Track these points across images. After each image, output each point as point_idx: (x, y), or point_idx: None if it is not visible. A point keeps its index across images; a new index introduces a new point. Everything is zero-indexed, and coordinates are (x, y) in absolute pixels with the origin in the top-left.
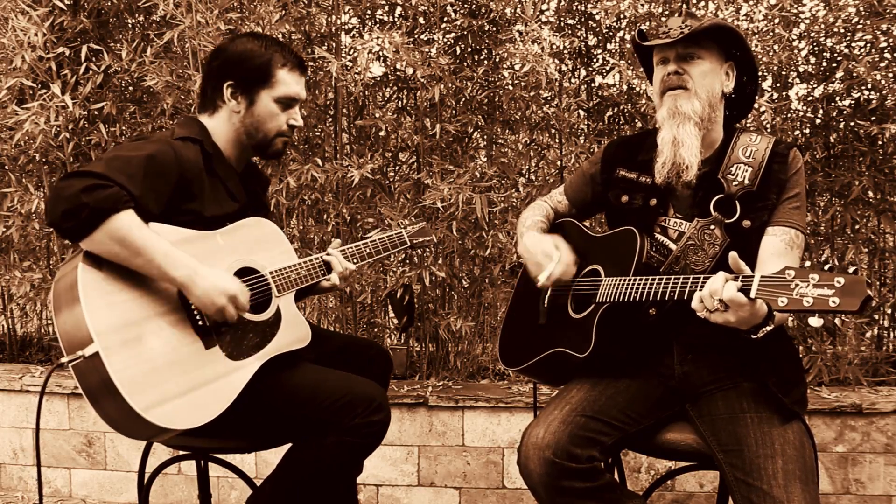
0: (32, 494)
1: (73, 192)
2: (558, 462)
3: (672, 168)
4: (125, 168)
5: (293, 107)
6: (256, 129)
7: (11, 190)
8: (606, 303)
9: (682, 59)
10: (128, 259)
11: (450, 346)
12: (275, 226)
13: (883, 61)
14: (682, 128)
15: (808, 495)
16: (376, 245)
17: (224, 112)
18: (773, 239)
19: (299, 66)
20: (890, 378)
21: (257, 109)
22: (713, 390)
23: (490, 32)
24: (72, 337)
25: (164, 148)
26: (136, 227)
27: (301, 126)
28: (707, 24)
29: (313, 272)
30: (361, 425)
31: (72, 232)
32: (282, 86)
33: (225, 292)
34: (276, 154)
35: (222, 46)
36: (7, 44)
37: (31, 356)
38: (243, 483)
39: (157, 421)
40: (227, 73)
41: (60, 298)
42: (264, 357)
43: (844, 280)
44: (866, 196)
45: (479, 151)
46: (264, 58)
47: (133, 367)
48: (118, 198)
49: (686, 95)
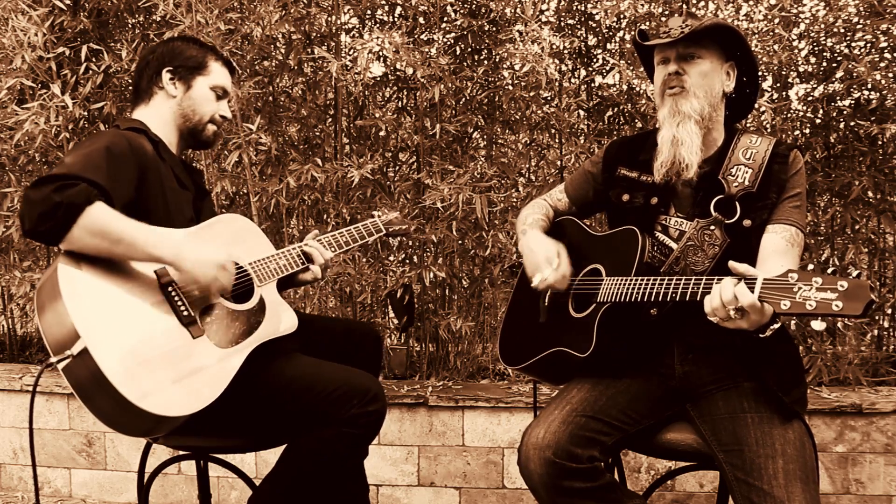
0: (32, 494)
1: (44, 195)
2: (559, 462)
3: (671, 167)
4: (87, 163)
5: (224, 99)
6: (193, 112)
7: (11, 190)
8: (607, 303)
9: (683, 59)
10: (109, 249)
11: (450, 346)
12: (250, 221)
13: (883, 61)
14: (683, 126)
15: (809, 495)
16: (352, 233)
17: (159, 98)
18: (773, 236)
19: (228, 65)
20: (890, 378)
21: (193, 93)
22: (713, 390)
23: (490, 32)
24: (58, 337)
25: (117, 138)
26: (112, 217)
27: (230, 118)
28: (707, 24)
29: (292, 262)
30: (358, 416)
31: (50, 234)
32: (216, 75)
33: (214, 262)
34: (207, 142)
35: (162, 41)
36: (7, 44)
37: (31, 356)
38: (243, 483)
39: (153, 409)
40: (166, 61)
41: (43, 301)
42: (253, 344)
43: (848, 284)
44: (866, 196)
45: (479, 151)
46: (201, 51)
47: (123, 360)
48: (88, 192)
49: (686, 95)
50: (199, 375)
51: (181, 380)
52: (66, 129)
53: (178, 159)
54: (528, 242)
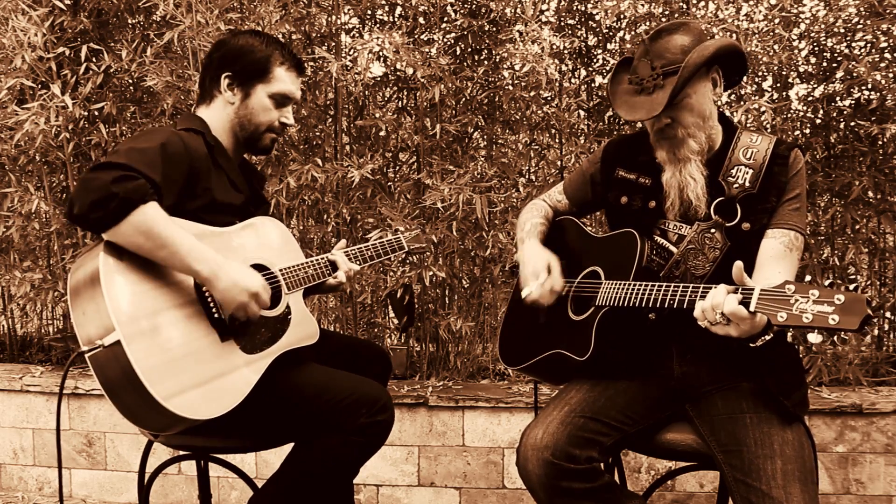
0: (32, 494)
1: (102, 182)
2: (557, 463)
3: (681, 207)
4: (144, 158)
5: (286, 105)
6: (249, 121)
7: (11, 190)
8: (606, 306)
9: (670, 108)
10: (151, 251)
11: (450, 346)
12: (283, 226)
13: (883, 61)
14: (685, 169)
15: (808, 496)
16: (377, 248)
17: (219, 102)
18: (771, 241)
19: (297, 67)
20: (890, 378)
21: (252, 102)
22: (713, 391)
23: (490, 32)
24: (91, 325)
25: (173, 138)
26: (162, 219)
27: (292, 125)
28: (686, 75)
29: (320, 271)
30: (367, 425)
31: (98, 222)
32: (278, 83)
33: (248, 289)
34: (265, 149)
35: (225, 39)
36: (7, 44)
37: (31, 356)
38: (243, 483)
39: (177, 410)
40: (226, 64)
41: (79, 287)
42: (276, 352)
43: (845, 297)
44: (866, 196)
45: (480, 151)
46: (264, 53)
47: (152, 357)
48: (145, 189)
49: (681, 141)
50: (224, 380)
51: (206, 383)
52: (66, 129)
53: (234, 164)
54: (523, 254)
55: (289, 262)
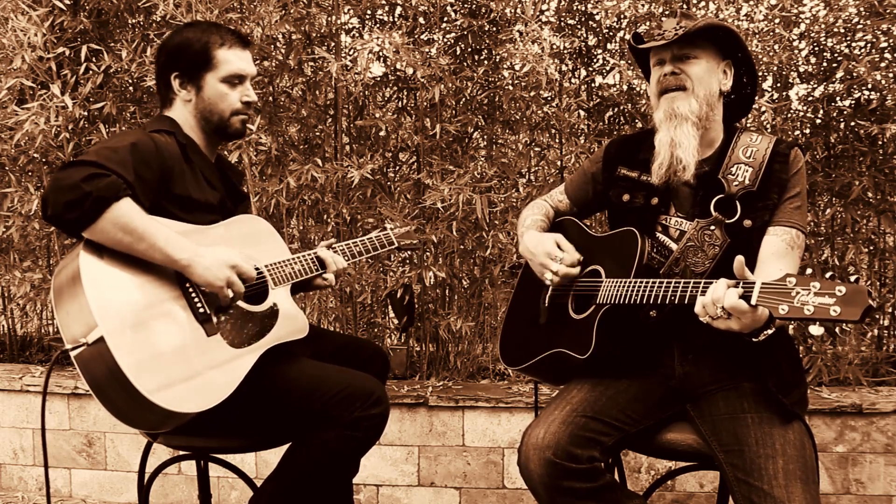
0: (32, 494)
1: (73, 182)
2: (558, 462)
3: (669, 169)
4: (115, 157)
5: (243, 83)
6: (211, 112)
7: (11, 190)
8: (607, 304)
9: (679, 60)
10: (131, 245)
11: (450, 346)
12: (267, 223)
13: (883, 61)
14: (680, 129)
15: (809, 495)
16: (365, 244)
17: (178, 102)
18: (773, 239)
19: (240, 41)
20: (890, 378)
21: (206, 93)
22: (714, 390)
23: (490, 32)
24: (75, 325)
25: (144, 138)
26: (137, 214)
27: (255, 101)
28: (702, 24)
29: (307, 267)
30: (361, 419)
31: (75, 223)
32: (225, 65)
33: (227, 262)
34: (237, 133)
35: (164, 41)
36: (7, 44)
37: (31, 356)
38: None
39: (164, 404)
40: (171, 64)
41: (62, 288)
42: (264, 346)
43: (846, 289)
44: (866, 196)
45: (480, 151)
46: (201, 42)
47: (137, 352)
48: (118, 185)
49: (683, 96)
50: (211, 373)
51: (193, 377)
52: (66, 129)
53: (209, 161)
54: (527, 245)
55: (274, 258)
